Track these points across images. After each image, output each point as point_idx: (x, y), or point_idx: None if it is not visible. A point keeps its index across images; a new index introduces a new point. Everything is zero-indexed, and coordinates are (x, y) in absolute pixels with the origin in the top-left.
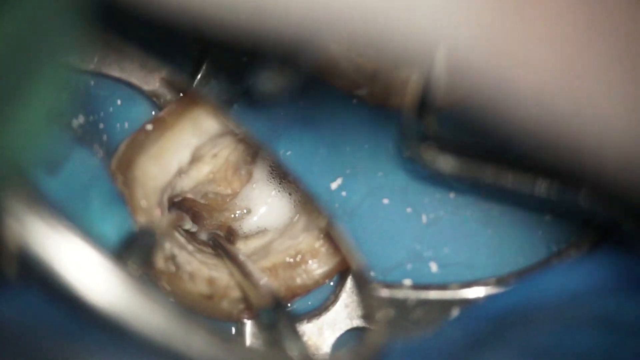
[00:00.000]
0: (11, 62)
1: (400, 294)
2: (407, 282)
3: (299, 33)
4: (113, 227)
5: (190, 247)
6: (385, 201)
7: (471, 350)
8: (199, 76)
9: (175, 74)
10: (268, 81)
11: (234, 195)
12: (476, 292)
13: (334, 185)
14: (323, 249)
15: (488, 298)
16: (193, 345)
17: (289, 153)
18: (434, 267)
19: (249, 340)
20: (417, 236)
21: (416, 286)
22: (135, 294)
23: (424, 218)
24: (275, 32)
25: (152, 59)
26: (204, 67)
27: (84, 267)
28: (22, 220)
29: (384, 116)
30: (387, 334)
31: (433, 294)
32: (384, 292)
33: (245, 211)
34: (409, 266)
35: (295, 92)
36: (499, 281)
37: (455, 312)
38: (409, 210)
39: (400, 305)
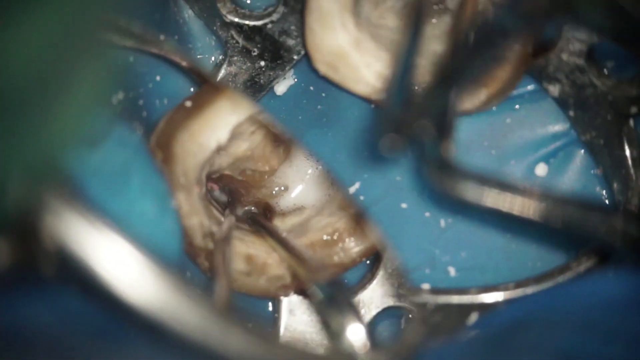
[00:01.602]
0: (58, 52)
1: (419, 298)
2: (426, 286)
3: None
4: (154, 205)
5: None
6: (404, 205)
7: (491, 355)
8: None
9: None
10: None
11: (272, 172)
12: (495, 297)
13: (352, 190)
14: (360, 228)
15: (507, 303)
16: (231, 345)
17: (310, 153)
18: (452, 271)
19: (285, 317)
20: (435, 241)
21: (435, 290)
22: (174, 293)
23: (442, 222)
24: None
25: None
26: (223, 68)
27: (122, 266)
28: (61, 218)
29: None
30: (422, 329)
31: (452, 299)
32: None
33: (282, 188)
34: (427, 270)
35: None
36: (518, 286)
37: (474, 317)
38: (427, 214)
39: (419, 310)
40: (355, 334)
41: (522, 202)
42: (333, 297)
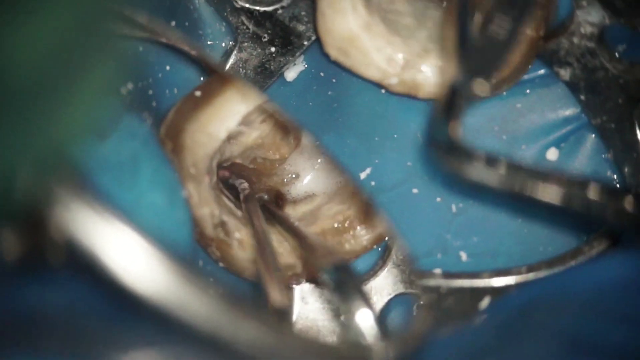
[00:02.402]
0: (70, 44)
1: (431, 282)
2: (438, 271)
3: None
4: (164, 195)
5: (239, 213)
6: (415, 191)
7: (503, 339)
8: (228, 63)
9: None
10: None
11: (282, 160)
12: (507, 281)
13: (363, 175)
14: (371, 215)
15: (519, 287)
16: (241, 334)
17: (317, 143)
18: (463, 256)
19: (297, 305)
20: (446, 225)
21: (447, 274)
22: (183, 283)
23: (454, 207)
24: None
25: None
26: (233, 54)
27: (131, 256)
28: (70, 209)
29: (414, 106)
30: (431, 317)
31: (464, 282)
32: (417, 281)
33: (293, 176)
34: (439, 255)
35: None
36: (530, 270)
37: (486, 301)
38: (438, 199)
39: (432, 294)
40: (364, 320)
41: (531, 184)
42: (341, 283)
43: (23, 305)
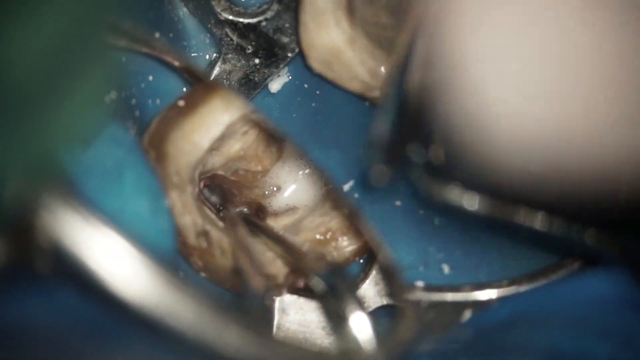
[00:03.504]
0: (61, 52)
1: (413, 295)
2: (420, 284)
3: None
4: (147, 204)
5: (220, 224)
6: (397, 203)
7: (485, 353)
8: (212, 75)
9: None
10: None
11: (264, 172)
12: (489, 294)
13: (346, 187)
14: (353, 227)
15: (500, 301)
16: (227, 340)
17: (302, 151)
18: (446, 269)
19: (278, 316)
20: (429, 238)
21: (429, 288)
22: (170, 289)
23: (436, 220)
24: None
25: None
26: (217, 66)
27: (117, 262)
28: (56, 216)
29: None
30: (416, 327)
31: (446, 296)
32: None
33: (275, 188)
34: (421, 268)
35: None
36: (512, 283)
37: (467, 314)
38: (421, 212)
39: (413, 307)
40: (359, 323)
41: (511, 210)
42: (335, 286)
43: (9, 315)
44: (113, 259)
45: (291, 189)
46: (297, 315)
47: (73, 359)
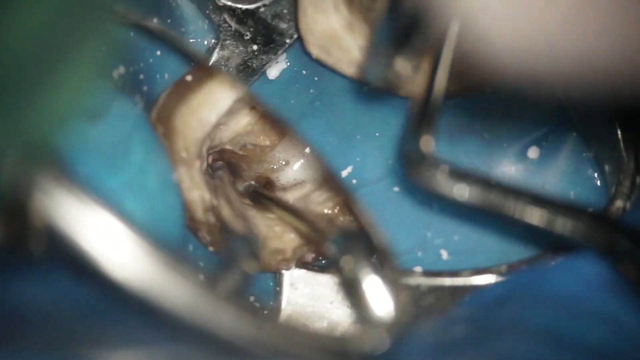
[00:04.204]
0: (56, 29)
1: (411, 280)
2: (418, 269)
3: None
4: (155, 179)
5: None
6: (396, 189)
7: (481, 333)
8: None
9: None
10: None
11: (272, 147)
12: (487, 279)
13: (344, 173)
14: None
15: (498, 284)
16: (222, 322)
17: (300, 137)
18: (444, 254)
19: (287, 291)
20: (427, 224)
21: (427, 273)
22: (164, 270)
23: (434, 206)
24: None
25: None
26: (216, 52)
27: (111, 243)
28: (50, 196)
29: (395, 104)
30: (412, 309)
31: (444, 281)
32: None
33: (283, 163)
34: (420, 253)
35: None
36: (510, 268)
37: (466, 299)
38: (418, 198)
39: (412, 292)
40: (373, 286)
41: (499, 200)
42: (349, 250)
43: (3, 296)
44: (107, 240)
45: (299, 163)
46: (305, 289)
47: (67, 339)
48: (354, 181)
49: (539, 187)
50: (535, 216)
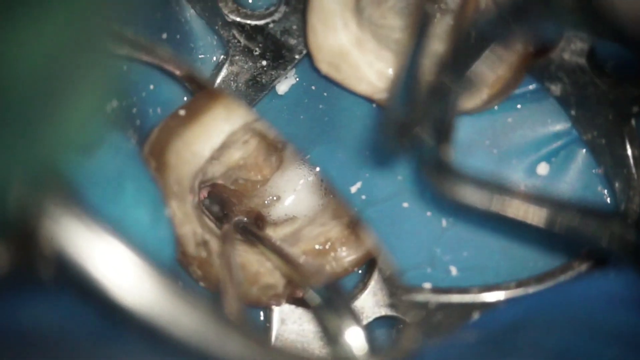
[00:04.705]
0: (62, 61)
1: (420, 297)
2: (427, 285)
3: None
4: (147, 213)
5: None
6: (405, 205)
7: (492, 355)
8: (220, 76)
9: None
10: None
11: (264, 181)
12: (497, 296)
13: (353, 189)
14: (353, 237)
15: (508, 302)
16: (229, 349)
17: (308, 157)
18: (453, 270)
19: (276, 326)
20: (436, 240)
21: (436, 290)
22: (171, 297)
23: (444, 222)
24: None
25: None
26: (225, 67)
27: (120, 270)
28: (59, 223)
29: None
30: (419, 335)
31: (453, 298)
32: (405, 296)
33: (274, 198)
34: (429, 270)
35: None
36: (520, 285)
37: (475, 316)
38: (428, 214)
39: (421, 309)
40: (354, 338)
41: (519, 206)
42: (331, 301)
43: (12, 321)
44: (115, 266)
45: (290, 198)
46: (295, 325)
47: None
48: (363, 197)
49: None
50: (560, 223)
